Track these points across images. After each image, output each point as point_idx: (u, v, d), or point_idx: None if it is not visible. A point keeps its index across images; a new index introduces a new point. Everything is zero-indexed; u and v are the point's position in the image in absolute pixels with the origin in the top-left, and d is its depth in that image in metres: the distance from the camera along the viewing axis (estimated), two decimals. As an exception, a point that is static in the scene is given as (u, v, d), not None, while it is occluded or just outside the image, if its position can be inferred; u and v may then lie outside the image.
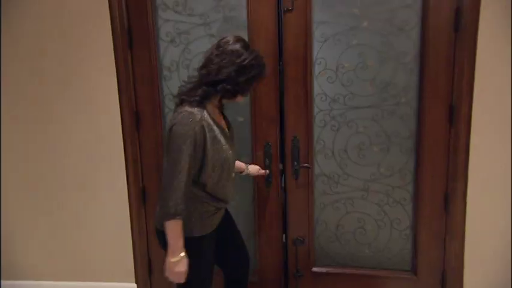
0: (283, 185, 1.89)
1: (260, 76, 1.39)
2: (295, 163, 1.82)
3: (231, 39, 1.35)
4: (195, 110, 1.30)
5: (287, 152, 1.83)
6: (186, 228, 1.32)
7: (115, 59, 1.82)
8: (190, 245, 1.33)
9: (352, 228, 1.89)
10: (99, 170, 1.98)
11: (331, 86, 1.77)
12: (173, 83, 1.87)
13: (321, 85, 1.77)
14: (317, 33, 1.73)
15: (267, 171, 1.82)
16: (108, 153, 1.95)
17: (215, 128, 1.34)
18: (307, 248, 1.93)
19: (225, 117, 1.51)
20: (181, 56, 1.84)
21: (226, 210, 1.61)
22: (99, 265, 2.09)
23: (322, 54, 1.74)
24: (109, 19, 1.78)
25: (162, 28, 1.83)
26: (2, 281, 2.18)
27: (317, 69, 1.76)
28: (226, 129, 1.44)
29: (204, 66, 1.34)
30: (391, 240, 1.88)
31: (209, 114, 1.34)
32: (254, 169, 1.77)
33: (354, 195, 1.85)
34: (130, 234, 2.02)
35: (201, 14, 1.80)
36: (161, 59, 1.86)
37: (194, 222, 1.37)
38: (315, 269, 1.95)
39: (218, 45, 1.34)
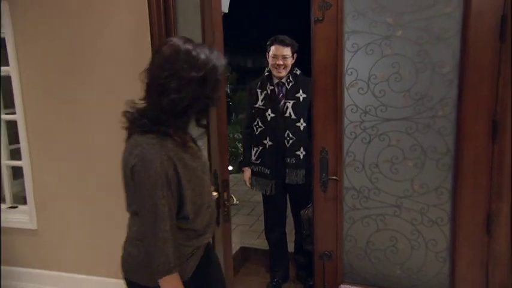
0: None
1: (223, 72, 1.21)
2: (324, 175, 1.87)
3: (179, 42, 1.14)
4: (154, 138, 1.13)
5: (315, 163, 1.89)
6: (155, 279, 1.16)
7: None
8: None
9: (383, 246, 1.88)
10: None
11: (363, 97, 1.79)
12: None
13: (352, 96, 1.80)
14: (348, 43, 1.77)
15: None
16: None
17: (181, 150, 1.18)
18: (335, 263, 1.95)
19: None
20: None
21: (210, 250, 1.43)
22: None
23: (353, 64, 1.78)
24: (149, 36, 1.98)
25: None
26: (41, 270, 2.51)
27: (348, 79, 1.80)
28: (192, 144, 1.30)
29: (161, 92, 1.11)
30: (426, 262, 1.84)
31: (170, 136, 1.16)
32: None
33: (386, 212, 1.85)
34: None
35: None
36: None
37: None
38: (343, 286, 1.97)
39: (165, 59, 1.12)
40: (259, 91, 2.49)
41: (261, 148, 2.48)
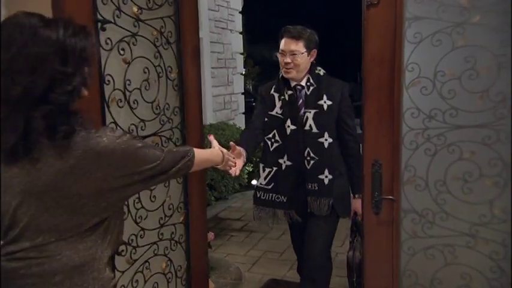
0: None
1: (90, 46, 1.06)
2: (376, 194, 1.65)
3: (19, 18, 0.98)
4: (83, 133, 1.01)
5: (366, 179, 1.67)
6: None
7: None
8: None
9: (454, 286, 1.64)
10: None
11: (427, 99, 1.58)
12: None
13: (413, 97, 1.60)
14: (409, 32, 1.56)
15: None
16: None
17: None
18: (389, 304, 1.75)
19: None
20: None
21: None
22: None
23: (415, 58, 1.57)
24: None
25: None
26: None
27: (408, 77, 1.59)
28: None
29: (9, 82, 0.95)
30: (510, 308, 1.61)
31: None
32: None
33: (456, 242, 1.61)
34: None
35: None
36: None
37: None
38: (399, 334, 1.76)
39: (5, 39, 0.96)
40: (276, 95, 2.14)
41: (275, 169, 2.13)
